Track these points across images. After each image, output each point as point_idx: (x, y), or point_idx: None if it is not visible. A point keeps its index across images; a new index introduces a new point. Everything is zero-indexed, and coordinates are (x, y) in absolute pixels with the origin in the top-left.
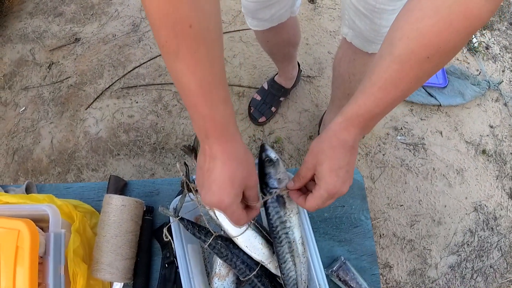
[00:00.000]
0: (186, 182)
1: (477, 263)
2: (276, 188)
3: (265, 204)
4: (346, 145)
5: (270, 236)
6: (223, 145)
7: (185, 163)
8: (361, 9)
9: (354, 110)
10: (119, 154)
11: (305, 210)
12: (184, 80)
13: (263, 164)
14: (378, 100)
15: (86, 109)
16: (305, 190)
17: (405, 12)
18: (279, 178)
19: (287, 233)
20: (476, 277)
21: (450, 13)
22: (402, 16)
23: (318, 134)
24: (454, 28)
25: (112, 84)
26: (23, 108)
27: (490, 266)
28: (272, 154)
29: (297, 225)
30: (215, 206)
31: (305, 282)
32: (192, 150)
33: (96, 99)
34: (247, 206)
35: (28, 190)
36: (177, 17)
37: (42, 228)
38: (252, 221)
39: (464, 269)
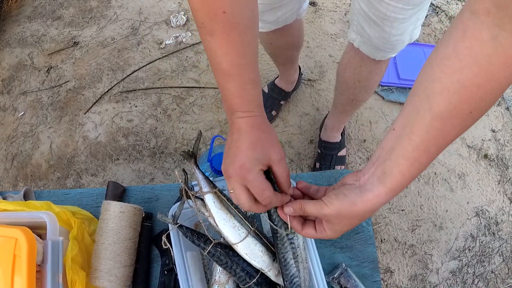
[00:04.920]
0: (185, 189)
1: (479, 268)
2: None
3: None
4: (366, 205)
5: (273, 241)
6: (247, 117)
7: (183, 170)
8: (371, 16)
9: (399, 181)
10: (118, 158)
11: None
12: (217, 59)
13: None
14: (421, 165)
15: (85, 114)
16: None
17: (440, 59)
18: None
19: (291, 238)
20: (478, 282)
21: (490, 63)
22: (436, 64)
23: (319, 138)
24: (495, 79)
25: (111, 88)
26: (22, 113)
27: (492, 271)
28: None
29: None
30: (238, 173)
31: None
32: (192, 155)
33: (95, 103)
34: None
35: (26, 197)
36: (212, 4)
37: (40, 236)
38: (252, 228)
39: (466, 274)
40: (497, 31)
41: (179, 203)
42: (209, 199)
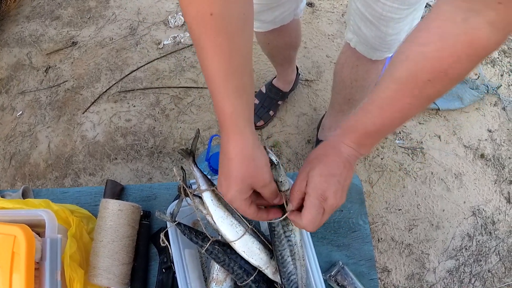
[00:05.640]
0: (183, 187)
1: (475, 267)
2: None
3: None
4: (340, 155)
5: (271, 239)
6: (232, 138)
7: (182, 168)
8: (367, 15)
9: (351, 124)
10: (116, 158)
11: None
12: (204, 64)
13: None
14: (374, 118)
15: (83, 113)
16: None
17: (413, 34)
18: (280, 181)
19: (289, 236)
20: (474, 282)
21: (456, 41)
22: (409, 38)
23: (316, 138)
24: (457, 55)
25: (109, 88)
26: (20, 112)
27: (488, 271)
28: (273, 158)
29: (297, 228)
30: (223, 195)
31: (305, 286)
32: (190, 153)
33: (93, 103)
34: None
35: (24, 195)
36: (199, 6)
37: (38, 233)
38: (250, 226)
39: (462, 273)
40: (469, 15)
41: (177, 201)
42: (207, 197)
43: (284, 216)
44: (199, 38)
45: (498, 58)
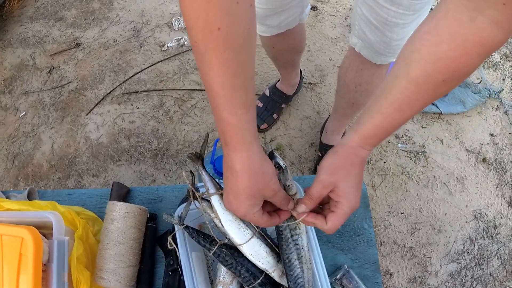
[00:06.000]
0: (193, 191)
1: (477, 271)
2: None
3: None
4: (363, 162)
5: (278, 243)
6: (239, 154)
7: (191, 171)
8: (372, 20)
9: (371, 130)
10: (120, 160)
11: None
12: (209, 80)
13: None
14: (394, 121)
15: (87, 115)
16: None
17: (421, 34)
18: (288, 185)
19: (296, 239)
20: (476, 285)
21: (466, 41)
22: (417, 37)
23: (320, 141)
24: (469, 54)
25: (113, 90)
26: (24, 113)
27: (490, 274)
28: (281, 162)
29: (304, 232)
30: (233, 212)
31: None
32: (199, 157)
33: (97, 104)
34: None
35: (30, 196)
36: (206, 20)
37: (45, 235)
38: (257, 229)
39: (464, 277)
40: (475, 15)
41: (185, 204)
42: (216, 200)
43: (299, 219)
44: (205, 52)
45: (500, 62)
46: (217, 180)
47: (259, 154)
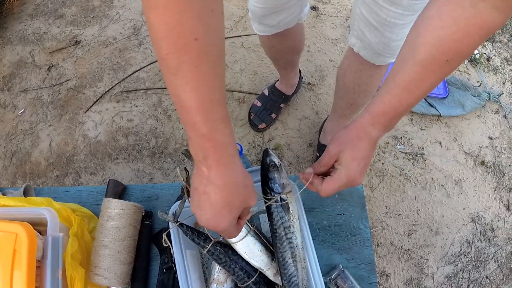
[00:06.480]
0: (187, 188)
1: (474, 273)
2: (280, 193)
3: (268, 209)
4: (371, 139)
5: (272, 241)
6: (221, 168)
7: (185, 168)
8: (371, 21)
9: (380, 109)
10: (117, 158)
11: (304, 215)
12: (183, 96)
13: (267, 169)
14: (402, 100)
15: (85, 112)
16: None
17: (424, 19)
18: (282, 183)
19: (290, 238)
20: None
21: (468, 24)
22: (421, 23)
23: (318, 141)
24: (471, 37)
25: (112, 88)
26: (22, 110)
27: (487, 277)
28: (276, 160)
29: (299, 230)
30: (212, 228)
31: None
32: None
33: (95, 102)
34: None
35: (26, 193)
36: (182, 31)
37: (40, 232)
38: (252, 228)
39: (461, 279)
40: (476, 0)
41: (179, 201)
42: None
43: (306, 183)
44: (179, 66)
45: (500, 66)
46: None
47: (240, 166)
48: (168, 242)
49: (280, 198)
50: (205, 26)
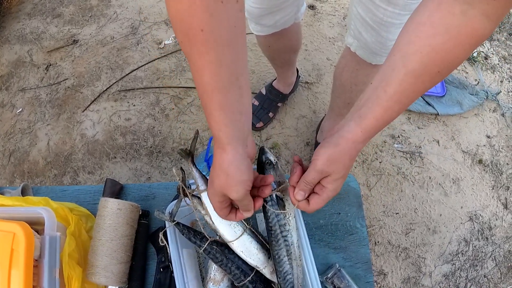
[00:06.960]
0: (182, 187)
1: (471, 272)
2: (274, 189)
3: (264, 206)
4: (354, 157)
5: (268, 239)
6: (217, 151)
7: (181, 168)
8: (368, 20)
9: (373, 124)
10: (115, 157)
11: (300, 214)
12: (195, 80)
13: (263, 167)
14: (394, 113)
15: (83, 112)
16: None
17: (416, 26)
18: (278, 181)
19: (285, 236)
20: (470, 287)
21: (459, 33)
22: (412, 29)
23: (315, 140)
24: (462, 45)
25: (109, 87)
26: (20, 109)
27: (484, 276)
28: (272, 157)
29: (294, 228)
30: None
31: (301, 286)
32: (189, 153)
33: (93, 101)
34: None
35: (24, 192)
36: (190, 23)
37: (37, 231)
38: (248, 226)
39: (458, 278)
40: (466, 7)
41: (176, 201)
42: (206, 197)
43: (295, 205)
44: (190, 53)
45: (498, 64)
46: (207, 177)
47: (231, 156)
48: (165, 241)
49: (276, 195)
50: (212, 17)
